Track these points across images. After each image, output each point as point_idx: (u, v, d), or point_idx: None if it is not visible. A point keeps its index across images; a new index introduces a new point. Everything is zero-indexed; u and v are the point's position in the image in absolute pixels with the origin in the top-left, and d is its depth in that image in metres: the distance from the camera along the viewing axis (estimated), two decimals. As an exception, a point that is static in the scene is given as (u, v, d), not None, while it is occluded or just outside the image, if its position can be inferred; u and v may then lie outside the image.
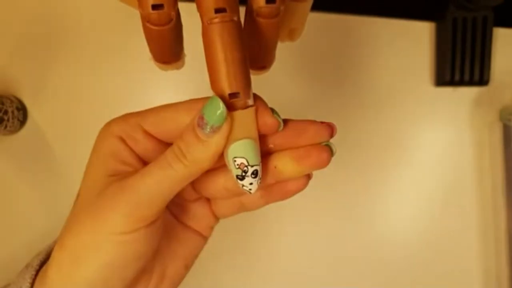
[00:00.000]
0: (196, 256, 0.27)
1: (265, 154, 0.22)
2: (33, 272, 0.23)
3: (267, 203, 0.25)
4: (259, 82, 0.26)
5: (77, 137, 0.48)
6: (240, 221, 0.49)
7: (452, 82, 0.48)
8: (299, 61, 0.49)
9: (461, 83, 0.48)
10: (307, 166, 0.22)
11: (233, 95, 0.20)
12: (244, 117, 0.21)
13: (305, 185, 0.23)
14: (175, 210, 0.26)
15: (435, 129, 0.50)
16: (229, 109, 0.20)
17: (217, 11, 0.19)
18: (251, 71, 0.28)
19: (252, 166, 0.21)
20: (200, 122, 0.20)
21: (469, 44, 0.48)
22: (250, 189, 0.22)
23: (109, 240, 0.21)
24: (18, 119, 0.47)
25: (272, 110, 0.22)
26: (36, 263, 0.24)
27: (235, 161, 0.21)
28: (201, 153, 0.20)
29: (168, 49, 0.24)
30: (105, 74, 0.49)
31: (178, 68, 0.27)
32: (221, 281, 0.50)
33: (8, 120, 0.45)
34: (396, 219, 0.50)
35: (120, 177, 0.22)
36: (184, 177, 0.21)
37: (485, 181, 0.50)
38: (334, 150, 0.22)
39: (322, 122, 0.22)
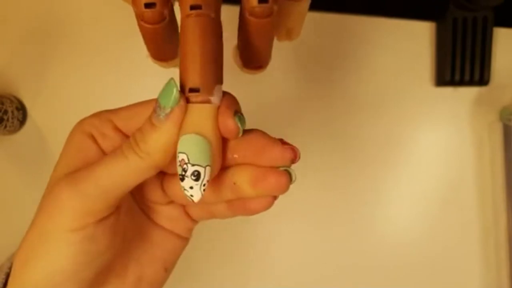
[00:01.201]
0: (176, 258, 0.26)
1: (230, 166, 0.21)
2: (9, 265, 0.23)
3: (234, 215, 0.23)
4: (258, 81, 0.26)
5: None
6: (233, 220, 0.49)
7: (452, 82, 0.48)
8: (297, 61, 0.49)
9: (461, 83, 0.48)
10: (263, 190, 0.20)
11: (192, 90, 0.20)
12: (200, 113, 0.20)
13: (269, 205, 0.21)
14: (148, 211, 0.25)
15: (435, 129, 0.50)
16: (186, 102, 0.19)
17: (192, 7, 0.20)
18: (248, 70, 0.28)
19: (192, 165, 0.19)
20: (156, 107, 0.19)
21: (469, 44, 0.47)
22: (191, 195, 0.19)
23: (56, 239, 0.19)
24: (18, 119, 0.47)
25: (239, 116, 0.20)
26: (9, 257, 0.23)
27: (178, 157, 0.19)
28: (154, 141, 0.19)
29: (163, 47, 0.24)
30: (105, 74, 0.49)
31: (177, 65, 0.27)
32: (218, 281, 0.50)
33: (8, 120, 0.45)
34: (395, 219, 0.50)
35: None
36: (138, 169, 0.20)
37: (485, 181, 0.50)
38: (293, 177, 0.21)
39: (288, 145, 0.20)
